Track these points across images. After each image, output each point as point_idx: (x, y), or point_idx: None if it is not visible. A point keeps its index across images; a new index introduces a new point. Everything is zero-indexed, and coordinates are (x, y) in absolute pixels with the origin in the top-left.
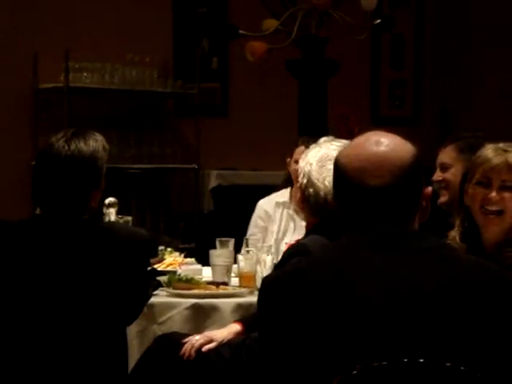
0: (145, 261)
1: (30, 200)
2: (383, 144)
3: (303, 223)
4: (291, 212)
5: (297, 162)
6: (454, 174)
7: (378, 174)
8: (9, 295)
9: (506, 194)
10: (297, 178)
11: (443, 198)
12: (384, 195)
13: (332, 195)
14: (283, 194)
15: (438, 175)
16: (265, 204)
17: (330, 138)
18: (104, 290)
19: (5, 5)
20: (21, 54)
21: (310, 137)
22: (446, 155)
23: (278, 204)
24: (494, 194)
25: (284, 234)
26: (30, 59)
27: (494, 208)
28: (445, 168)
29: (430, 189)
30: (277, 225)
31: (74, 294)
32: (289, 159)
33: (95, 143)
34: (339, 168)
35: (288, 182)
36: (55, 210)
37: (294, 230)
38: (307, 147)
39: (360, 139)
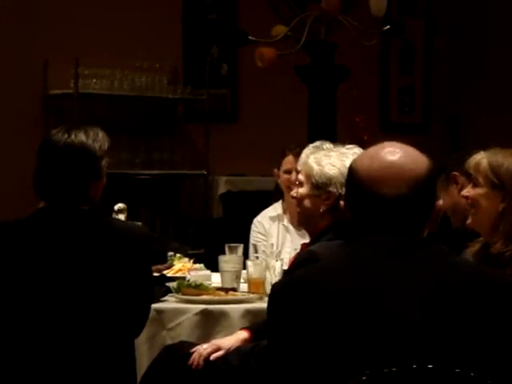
0: (146, 258)
1: (39, 204)
2: (400, 155)
3: (299, 233)
4: (286, 224)
5: (287, 172)
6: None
7: (394, 184)
8: (12, 293)
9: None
10: (287, 188)
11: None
12: (399, 205)
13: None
14: (275, 208)
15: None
16: (261, 220)
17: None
18: (106, 288)
19: (15, 12)
20: (31, 60)
21: (295, 145)
22: None
23: (272, 218)
24: None
25: (282, 247)
26: (40, 66)
27: None
28: None
29: (441, 202)
30: (274, 238)
31: (76, 291)
32: (276, 170)
33: (95, 135)
34: (355, 176)
35: (278, 194)
36: (55, 199)
37: (292, 241)
38: (296, 156)
39: (376, 148)
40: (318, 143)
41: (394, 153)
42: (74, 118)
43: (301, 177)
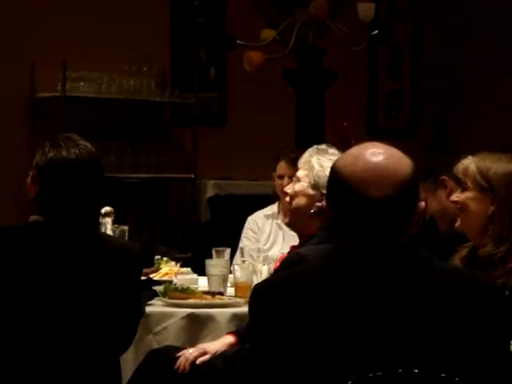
0: (136, 275)
1: (26, 207)
2: (384, 156)
3: (292, 233)
4: (279, 222)
5: (280, 177)
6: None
7: (379, 186)
8: (4, 306)
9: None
10: (281, 191)
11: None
12: (384, 207)
13: None
14: (271, 208)
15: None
16: (255, 218)
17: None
18: (97, 303)
19: (2, 14)
20: (18, 63)
21: (290, 151)
22: None
23: (266, 216)
24: None
25: (273, 244)
26: (27, 68)
27: None
28: None
29: (423, 204)
30: (266, 234)
31: (68, 305)
32: (273, 173)
33: (85, 142)
34: (339, 176)
35: (275, 197)
36: (67, 216)
37: (283, 240)
38: (289, 162)
39: (359, 149)
40: (324, 146)
41: (377, 154)
42: (62, 122)
43: (300, 173)
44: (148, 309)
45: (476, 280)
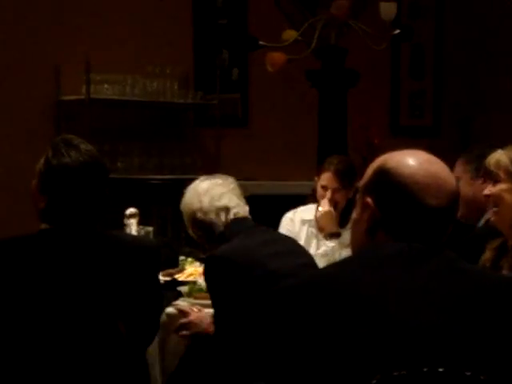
0: (154, 269)
1: None
2: (440, 165)
3: (326, 242)
4: (315, 231)
5: (323, 187)
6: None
7: (436, 194)
8: (20, 312)
9: None
10: (322, 198)
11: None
12: (436, 215)
13: None
14: (309, 211)
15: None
16: (294, 218)
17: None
18: (119, 302)
19: (26, 18)
20: (43, 66)
21: (338, 161)
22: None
23: (303, 221)
24: None
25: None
26: (52, 71)
27: None
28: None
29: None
30: (302, 241)
31: (85, 308)
32: (316, 178)
33: (86, 143)
34: (395, 180)
35: (313, 198)
36: (75, 222)
37: (317, 248)
38: (336, 174)
39: (412, 155)
40: None
41: (434, 163)
42: (86, 124)
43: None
44: (173, 310)
45: (501, 281)
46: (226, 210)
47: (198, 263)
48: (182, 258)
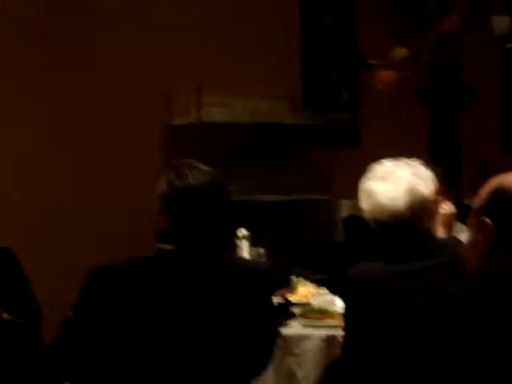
0: (267, 292)
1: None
2: None
3: None
4: None
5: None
6: None
7: None
8: (139, 332)
9: None
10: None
11: None
12: None
13: None
14: None
15: None
16: None
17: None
18: (231, 328)
19: (137, 43)
20: (153, 91)
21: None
22: None
23: None
24: None
25: None
26: (161, 96)
27: None
28: None
29: None
30: None
31: (203, 331)
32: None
33: (205, 167)
34: None
35: None
36: (200, 243)
37: None
38: (445, 186)
39: None
40: None
41: None
42: (198, 148)
43: None
44: (286, 331)
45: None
46: None
47: (310, 283)
48: (293, 277)
